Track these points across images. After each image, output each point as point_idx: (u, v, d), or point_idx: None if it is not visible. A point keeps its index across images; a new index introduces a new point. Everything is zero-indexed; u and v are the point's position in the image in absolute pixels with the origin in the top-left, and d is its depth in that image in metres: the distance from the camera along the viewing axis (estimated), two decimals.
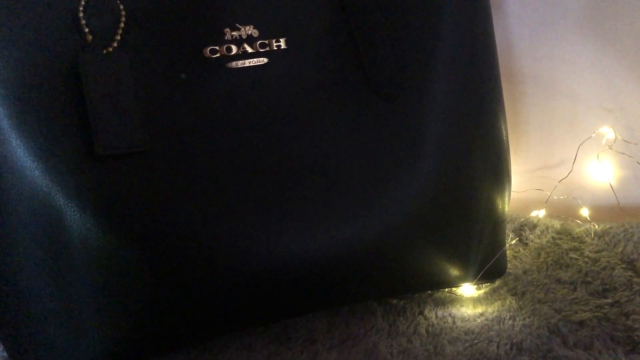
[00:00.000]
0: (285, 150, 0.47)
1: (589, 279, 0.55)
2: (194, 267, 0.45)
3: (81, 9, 0.43)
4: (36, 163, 0.42)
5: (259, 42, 0.47)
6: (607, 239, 0.61)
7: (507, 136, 0.56)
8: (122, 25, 0.44)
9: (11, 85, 0.42)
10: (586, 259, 0.58)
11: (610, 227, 0.63)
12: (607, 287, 0.53)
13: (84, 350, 0.45)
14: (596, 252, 0.59)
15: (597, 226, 0.64)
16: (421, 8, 0.51)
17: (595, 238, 0.62)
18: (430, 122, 0.50)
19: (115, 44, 0.43)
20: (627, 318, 0.48)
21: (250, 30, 0.47)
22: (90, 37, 0.43)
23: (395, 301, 0.54)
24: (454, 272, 0.53)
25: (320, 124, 0.48)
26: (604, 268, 0.56)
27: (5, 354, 0.51)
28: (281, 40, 0.48)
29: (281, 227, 0.46)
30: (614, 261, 0.57)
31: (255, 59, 0.47)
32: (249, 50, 0.47)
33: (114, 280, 0.44)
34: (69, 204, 0.42)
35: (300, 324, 0.51)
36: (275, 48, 0.47)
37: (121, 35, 0.44)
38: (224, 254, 0.46)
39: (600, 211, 0.68)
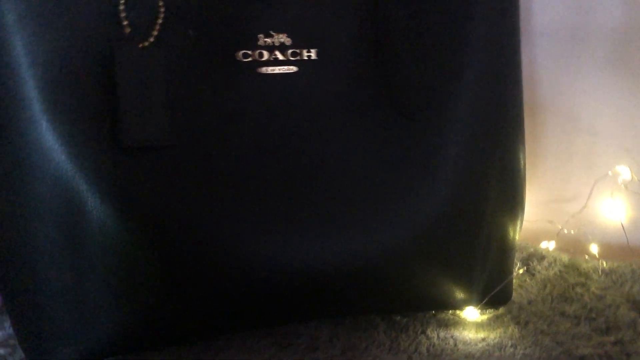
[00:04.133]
0: (305, 158, 0.48)
1: (593, 315, 0.55)
2: (205, 264, 0.46)
3: (122, 1, 0.44)
4: (63, 147, 0.43)
5: (290, 50, 0.48)
6: (614, 277, 0.61)
7: (524, 165, 0.56)
8: (160, 21, 0.44)
9: (47, 68, 0.42)
10: (592, 295, 0.58)
11: (618, 266, 0.63)
12: (611, 325, 0.53)
13: (90, 335, 0.46)
14: (602, 289, 0.59)
15: (605, 264, 0.64)
16: (451, 30, 0.51)
17: (602, 275, 0.62)
18: (450, 144, 0.51)
19: (151, 39, 0.44)
20: (629, 358, 0.48)
21: (283, 38, 0.48)
22: (128, 30, 0.44)
23: (398, 318, 0.54)
24: (459, 295, 0.54)
25: (341, 137, 0.49)
26: (609, 306, 0.56)
27: (11, 331, 0.51)
28: (312, 50, 0.48)
29: (293, 233, 0.47)
30: (619, 300, 0.57)
31: (285, 67, 0.48)
32: (280, 57, 0.48)
33: (127, 269, 0.45)
34: (91, 190, 0.43)
35: (302, 330, 0.52)
36: (306, 58, 0.48)
37: (158, 31, 0.44)
38: (234, 254, 0.46)
39: (610, 249, 0.68)
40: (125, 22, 0.44)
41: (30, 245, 0.44)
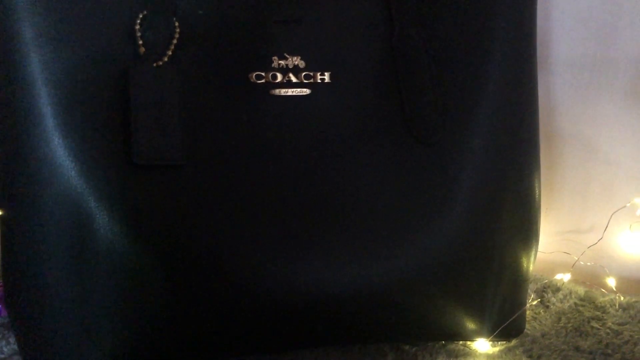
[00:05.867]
0: (318, 182, 0.47)
1: (609, 352, 0.53)
2: (212, 285, 0.45)
3: (138, 21, 0.44)
4: (74, 164, 0.43)
5: (304, 73, 0.48)
6: (632, 312, 0.60)
7: (539, 195, 0.55)
8: (175, 41, 0.45)
9: (62, 86, 0.43)
10: (608, 330, 0.57)
11: (636, 301, 0.61)
12: None
13: (93, 352, 0.45)
14: (619, 324, 0.58)
15: (622, 298, 0.62)
16: (469, 58, 0.51)
17: (620, 310, 0.60)
18: (465, 172, 0.50)
19: (166, 59, 0.44)
20: None
21: (297, 60, 0.48)
22: (143, 50, 0.44)
23: (407, 347, 0.53)
24: (470, 325, 0.53)
25: (354, 160, 0.49)
26: (626, 342, 0.55)
27: (15, 346, 0.51)
28: (326, 73, 0.48)
29: (304, 257, 0.47)
30: (637, 336, 0.55)
31: (299, 89, 0.48)
32: (294, 80, 0.48)
33: (132, 288, 0.44)
34: (100, 208, 0.43)
35: (309, 357, 0.51)
36: (319, 81, 0.48)
37: (173, 51, 0.45)
38: (244, 277, 0.46)
39: (627, 283, 0.66)
40: (140, 42, 0.44)
41: (36, 261, 0.44)
